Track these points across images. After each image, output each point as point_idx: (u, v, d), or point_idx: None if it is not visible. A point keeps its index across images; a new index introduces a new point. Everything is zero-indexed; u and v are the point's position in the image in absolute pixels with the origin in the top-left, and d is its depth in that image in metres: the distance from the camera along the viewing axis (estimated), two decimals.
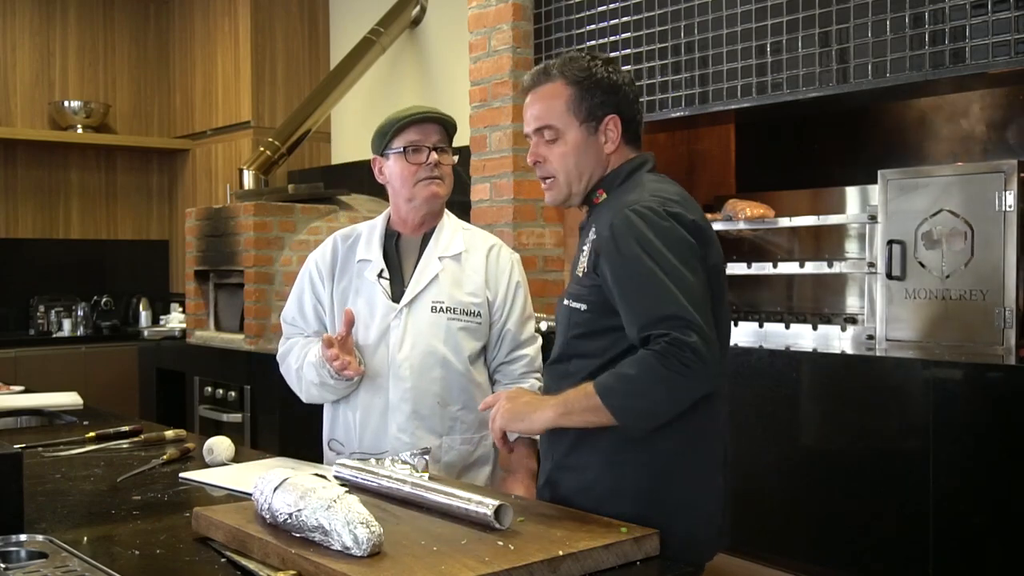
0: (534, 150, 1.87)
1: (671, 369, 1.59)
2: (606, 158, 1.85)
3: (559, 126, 1.83)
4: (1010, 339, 2.79)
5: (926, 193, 2.97)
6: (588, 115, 1.82)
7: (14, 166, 6.32)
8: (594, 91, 1.82)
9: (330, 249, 2.44)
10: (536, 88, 1.87)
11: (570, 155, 1.83)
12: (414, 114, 2.29)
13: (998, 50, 2.73)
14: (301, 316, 2.45)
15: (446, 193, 2.34)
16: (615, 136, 1.84)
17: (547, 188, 1.89)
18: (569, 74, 1.83)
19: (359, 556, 1.40)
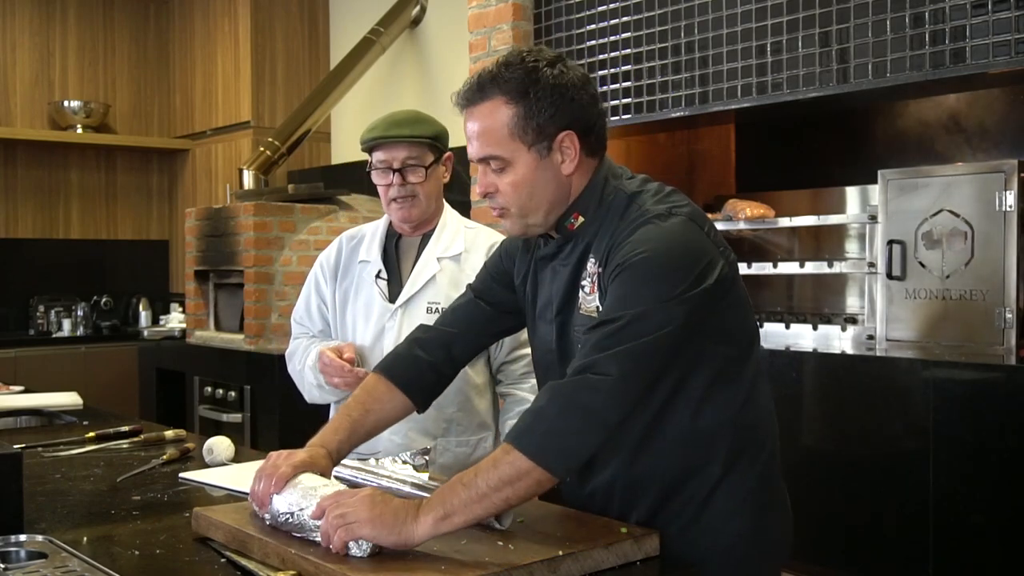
0: (482, 180, 1.61)
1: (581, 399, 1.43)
2: (567, 180, 1.60)
3: (505, 155, 1.56)
4: (1010, 339, 2.79)
5: (926, 193, 2.97)
6: (536, 135, 1.55)
7: (14, 166, 6.32)
8: (541, 104, 1.54)
9: (335, 250, 2.46)
10: (472, 107, 1.59)
11: (523, 186, 1.57)
12: (375, 137, 2.26)
13: (998, 50, 2.73)
14: (308, 316, 2.47)
15: (420, 213, 2.31)
16: (573, 154, 1.58)
17: (502, 218, 1.64)
18: (507, 88, 1.54)
19: (359, 556, 1.40)
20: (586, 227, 1.61)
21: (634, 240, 1.51)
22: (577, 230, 1.62)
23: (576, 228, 1.62)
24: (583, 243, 1.62)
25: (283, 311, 4.59)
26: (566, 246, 1.65)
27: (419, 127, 2.27)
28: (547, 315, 1.70)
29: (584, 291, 1.60)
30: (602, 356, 1.44)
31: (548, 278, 1.70)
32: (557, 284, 1.67)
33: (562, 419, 1.43)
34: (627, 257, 1.49)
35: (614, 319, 1.46)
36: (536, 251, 1.74)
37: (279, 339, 4.56)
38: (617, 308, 1.47)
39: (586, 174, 1.62)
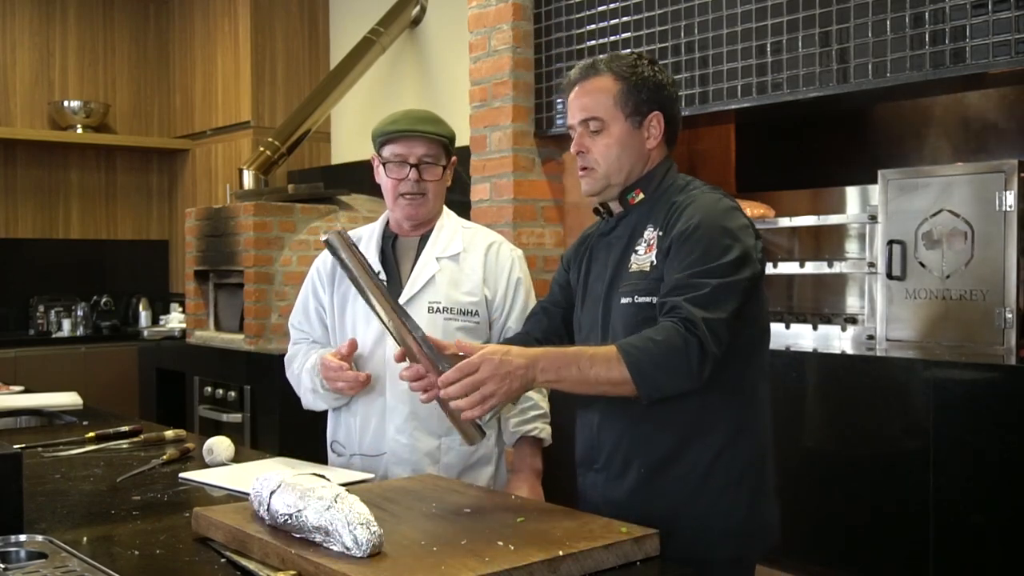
0: (578, 140, 1.89)
1: (689, 343, 1.65)
2: (647, 153, 1.88)
3: (605, 118, 1.85)
4: (1010, 339, 2.79)
5: (926, 193, 2.97)
6: (634, 110, 1.85)
7: (14, 166, 6.32)
8: (640, 88, 1.85)
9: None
10: (583, 81, 1.89)
11: (613, 147, 1.86)
12: (399, 129, 2.26)
13: (998, 50, 2.73)
14: (307, 321, 2.45)
15: (427, 212, 2.32)
16: (658, 133, 1.87)
17: (584, 176, 1.90)
18: (617, 70, 1.86)
19: (359, 557, 1.40)
20: (642, 204, 1.88)
21: (698, 204, 1.79)
22: (635, 205, 1.89)
23: (635, 203, 1.89)
24: (637, 218, 1.87)
25: (283, 311, 4.59)
26: (622, 221, 1.90)
27: (439, 126, 2.30)
28: (597, 288, 1.91)
29: (637, 253, 1.83)
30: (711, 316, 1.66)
31: (603, 253, 1.93)
32: (612, 254, 1.90)
33: (667, 359, 1.65)
34: (696, 214, 1.76)
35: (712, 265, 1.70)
36: (594, 234, 2.00)
37: (279, 339, 4.56)
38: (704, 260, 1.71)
39: (657, 159, 1.90)
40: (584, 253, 2.01)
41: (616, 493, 1.84)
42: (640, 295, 1.80)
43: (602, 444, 1.87)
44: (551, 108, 3.96)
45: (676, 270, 1.73)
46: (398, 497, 1.79)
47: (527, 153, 3.98)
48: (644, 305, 1.79)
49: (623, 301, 1.82)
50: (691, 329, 1.65)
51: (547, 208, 4.02)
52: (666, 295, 1.72)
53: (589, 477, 1.92)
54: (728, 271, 1.70)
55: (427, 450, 2.25)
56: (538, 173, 4.01)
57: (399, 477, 2.19)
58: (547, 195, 4.02)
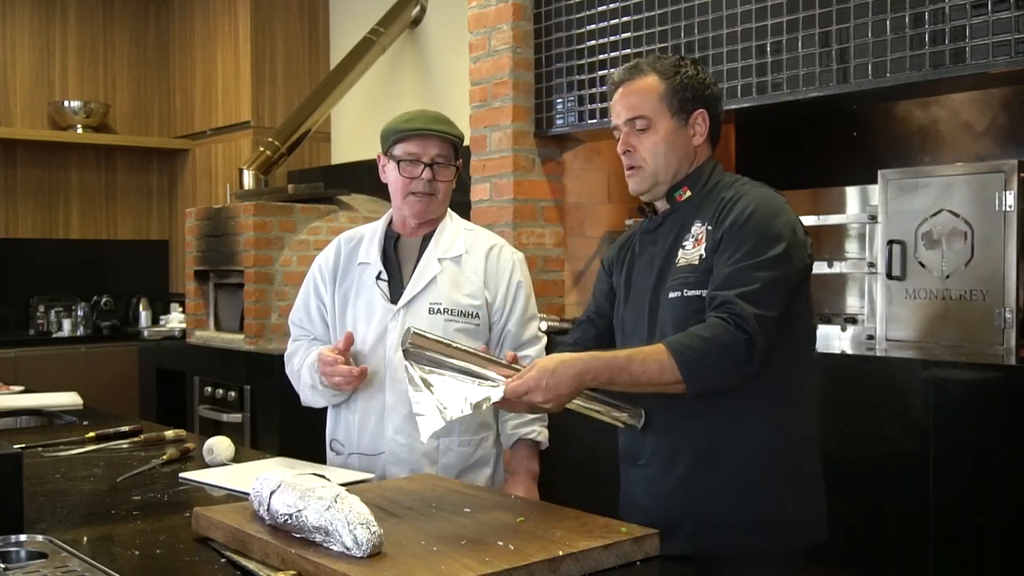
0: (624, 139, 1.92)
1: (739, 340, 1.68)
2: (693, 151, 1.91)
3: (651, 116, 1.88)
4: (1010, 339, 2.79)
5: (926, 193, 2.97)
6: (679, 108, 1.88)
7: (14, 166, 6.32)
8: (685, 86, 1.88)
9: (333, 252, 2.45)
10: (628, 82, 1.92)
11: (660, 144, 1.88)
12: (416, 128, 2.27)
13: (998, 50, 2.73)
14: (308, 319, 2.46)
15: (435, 211, 2.34)
16: (703, 130, 1.91)
17: (632, 175, 1.92)
18: (661, 69, 1.90)
19: (359, 557, 1.40)
20: (689, 201, 1.90)
21: (749, 197, 1.81)
22: (683, 203, 1.91)
23: (682, 200, 1.91)
24: (684, 215, 1.89)
25: (283, 311, 4.59)
26: (670, 217, 1.92)
27: (452, 127, 2.33)
28: (643, 283, 1.92)
29: (685, 248, 1.85)
30: (761, 312, 1.69)
31: (648, 249, 1.94)
32: (658, 250, 1.91)
33: (717, 356, 1.68)
34: (747, 207, 1.79)
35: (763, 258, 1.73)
36: (638, 232, 2.01)
37: (279, 339, 4.56)
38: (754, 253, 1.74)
39: (702, 156, 1.93)
40: (626, 252, 2.03)
41: (662, 487, 1.86)
42: (689, 288, 1.81)
43: (646, 440, 1.88)
44: (551, 108, 3.96)
45: (726, 262, 1.75)
46: (398, 497, 1.79)
47: (527, 153, 3.98)
48: (693, 299, 1.80)
49: (672, 295, 1.84)
50: (741, 326, 1.67)
51: (547, 208, 4.02)
52: (716, 288, 1.74)
53: (633, 472, 1.94)
54: (778, 265, 1.73)
55: (425, 450, 2.25)
56: (538, 173, 4.01)
57: (397, 477, 2.19)
58: (547, 195, 4.02)
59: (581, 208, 4.14)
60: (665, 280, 1.87)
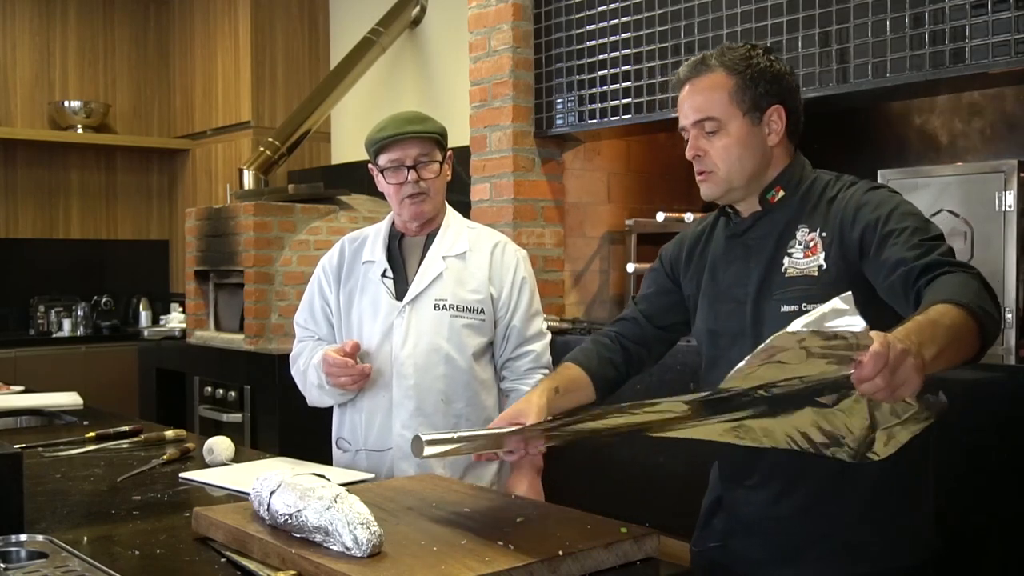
0: (693, 143, 1.77)
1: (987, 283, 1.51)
2: (769, 151, 1.76)
3: (721, 117, 1.73)
4: (1010, 339, 2.79)
5: (926, 193, 2.97)
6: (752, 106, 1.73)
7: (14, 166, 6.32)
8: (757, 81, 1.72)
9: (337, 252, 2.47)
10: (694, 79, 1.76)
11: (733, 148, 1.73)
12: (389, 135, 2.28)
13: (998, 50, 2.73)
14: (312, 319, 2.47)
15: (432, 208, 2.35)
16: (779, 128, 1.75)
17: (703, 181, 1.78)
18: (729, 63, 1.73)
19: (359, 556, 1.40)
20: (785, 201, 1.75)
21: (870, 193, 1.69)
22: (777, 203, 1.76)
23: (776, 201, 1.76)
24: (782, 217, 1.74)
25: (283, 311, 4.59)
26: (761, 220, 1.77)
27: (427, 124, 2.31)
28: (738, 293, 1.77)
29: (793, 256, 1.71)
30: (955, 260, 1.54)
31: (739, 254, 1.79)
32: (755, 257, 1.76)
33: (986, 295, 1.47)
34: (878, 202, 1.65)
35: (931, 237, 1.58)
36: (720, 232, 1.85)
37: (279, 339, 4.56)
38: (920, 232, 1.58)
39: (785, 154, 1.78)
40: (702, 255, 1.88)
41: (783, 511, 1.74)
42: (809, 302, 1.65)
43: (755, 461, 1.74)
44: (551, 108, 3.96)
45: (901, 246, 1.57)
46: (398, 497, 1.79)
47: (527, 153, 3.98)
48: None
49: (786, 309, 1.68)
50: (968, 268, 1.52)
51: (547, 208, 4.02)
52: (911, 262, 1.53)
53: (739, 493, 1.81)
54: (943, 240, 1.60)
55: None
56: (538, 173, 4.01)
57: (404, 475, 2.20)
58: (547, 195, 4.02)
59: (581, 208, 4.14)
60: (770, 290, 1.72)
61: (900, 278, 1.54)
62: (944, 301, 1.41)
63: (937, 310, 1.39)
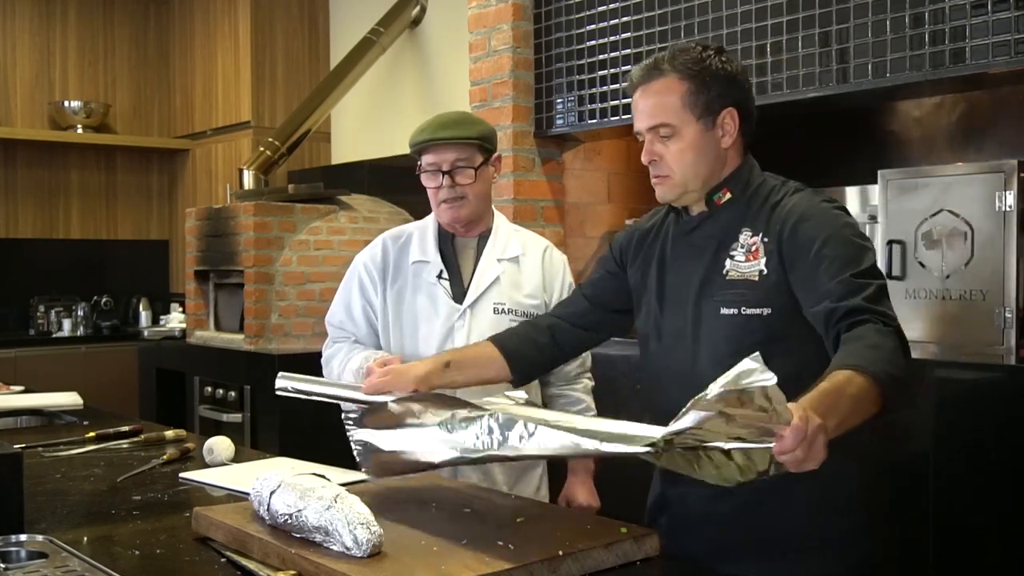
0: (649, 148, 1.78)
1: (902, 340, 1.56)
2: (723, 153, 1.78)
3: (675, 123, 1.74)
4: (1010, 339, 2.79)
5: (926, 193, 2.97)
6: (705, 110, 1.74)
7: (14, 166, 6.32)
8: (710, 84, 1.73)
9: (380, 251, 2.39)
10: (647, 83, 1.77)
11: (687, 152, 1.75)
12: (425, 140, 2.23)
13: (998, 50, 2.73)
14: (350, 319, 2.39)
15: (470, 213, 2.29)
16: (732, 130, 1.77)
17: (659, 184, 1.80)
18: (682, 67, 1.74)
19: (359, 556, 1.40)
20: (731, 204, 1.78)
21: (811, 209, 1.71)
22: (723, 205, 1.79)
23: (723, 203, 1.79)
24: (727, 219, 1.77)
25: (283, 311, 4.59)
26: (707, 221, 1.80)
27: (467, 128, 2.25)
28: (682, 293, 1.80)
29: (735, 259, 1.74)
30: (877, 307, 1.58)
31: (685, 253, 1.83)
32: (699, 258, 1.79)
33: (896, 361, 1.51)
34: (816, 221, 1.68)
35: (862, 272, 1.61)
36: (670, 229, 1.88)
37: (279, 339, 4.56)
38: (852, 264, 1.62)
39: (737, 156, 1.81)
40: (649, 249, 1.92)
41: (723, 507, 1.74)
42: (749, 307, 1.70)
43: None
44: (551, 108, 3.96)
45: (828, 277, 1.61)
46: (398, 497, 1.79)
47: (527, 153, 3.99)
48: (753, 318, 1.70)
49: (725, 312, 1.73)
50: (889, 323, 1.56)
51: (547, 208, 4.02)
52: (835, 301, 1.59)
53: (680, 490, 1.82)
54: (878, 273, 1.65)
55: None
56: (538, 173, 4.01)
57: (466, 479, 2.17)
58: (547, 195, 4.03)
59: (581, 208, 4.14)
60: (711, 292, 1.76)
61: (823, 314, 1.60)
62: (853, 367, 1.45)
63: (845, 376, 1.43)
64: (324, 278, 4.62)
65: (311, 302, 4.62)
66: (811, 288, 1.64)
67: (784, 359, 1.60)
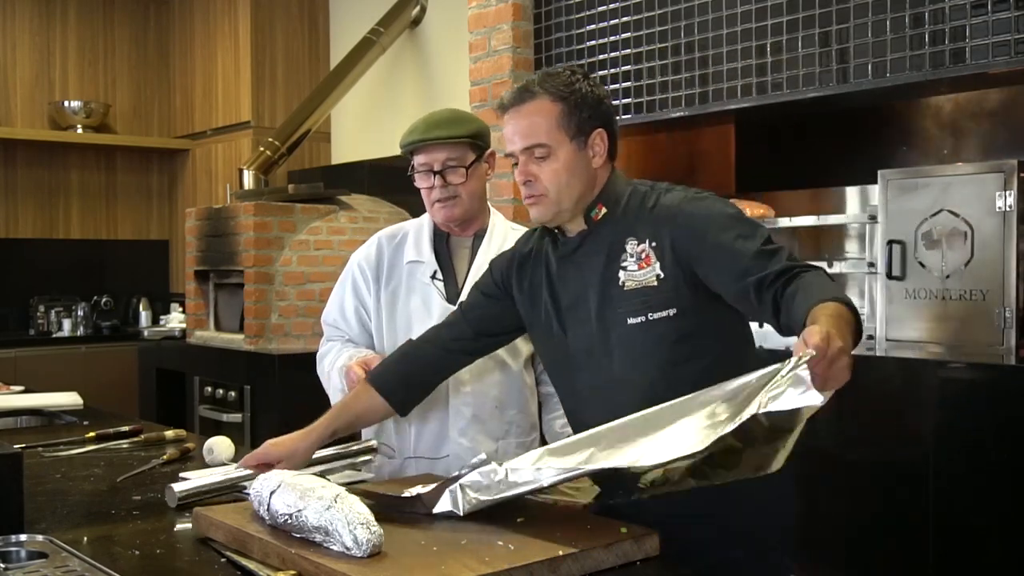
0: (524, 168, 1.81)
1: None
2: (594, 172, 1.82)
3: (550, 144, 1.78)
4: (1010, 339, 2.79)
5: (926, 193, 2.97)
6: (577, 131, 1.79)
7: (14, 166, 6.32)
8: (581, 107, 1.79)
9: (375, 250, 2.37)
10: (519, 106, 1.81)
11: (562, 172, 1.78)
12: (415, 140, 2.21)
13: (998, 50, 2.73)
14: (343, 318, 2.38)
15: (464, 212, 2.25)
16: (602, 150, 1.82)
17: (533, 204, 1.82)
18: (554, 90, 1.79)
19: (359, 556, 1.40)
20: (608, 217, 1.82)
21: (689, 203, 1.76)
22: (601, 220, 1.82)
23: (600, 219, 1.82)
24: (607, 232, 1.81)
25: (283, 311, 4.59)
26: (588, 238, 1.83)
27: (457, 127, 2.22)
28: (581, 312, 1.83)
29: (628, 270, 1.77)
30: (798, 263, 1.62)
31: (573, 274, 1.84)
32: (589, 275, 1.81)
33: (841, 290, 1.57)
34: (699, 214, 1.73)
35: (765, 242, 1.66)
36: (549, 253, 1.89)
37: (279, 339, 4.56)
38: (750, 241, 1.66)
39: (606, 173, 1.84)
40: (537, 275, 1.92)
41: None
42: (654, 311, 1.73)
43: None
44: None
45: (741, 257, 1.65)
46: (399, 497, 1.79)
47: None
48: (659, 321, 1.73)
49: (633, 321, 1.75)
50: (814, 266, 1.62)
51: None
52: (759, 272, 1.63)
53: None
54: (771, 240, 1.68)
55: (488, 453, 2.22)
56: None
57: None
58: None
59: None
60: (612, 305, 1.78)
61: (753, 286, 1.62)
62: (826, 300, 1.49)
63: (832, 306, 1.47)
64: (324, 278, 4.62)
65: (311, 302, 4.62)
66: (726, 272, 1.67)
67: (699, 358, 1.73)
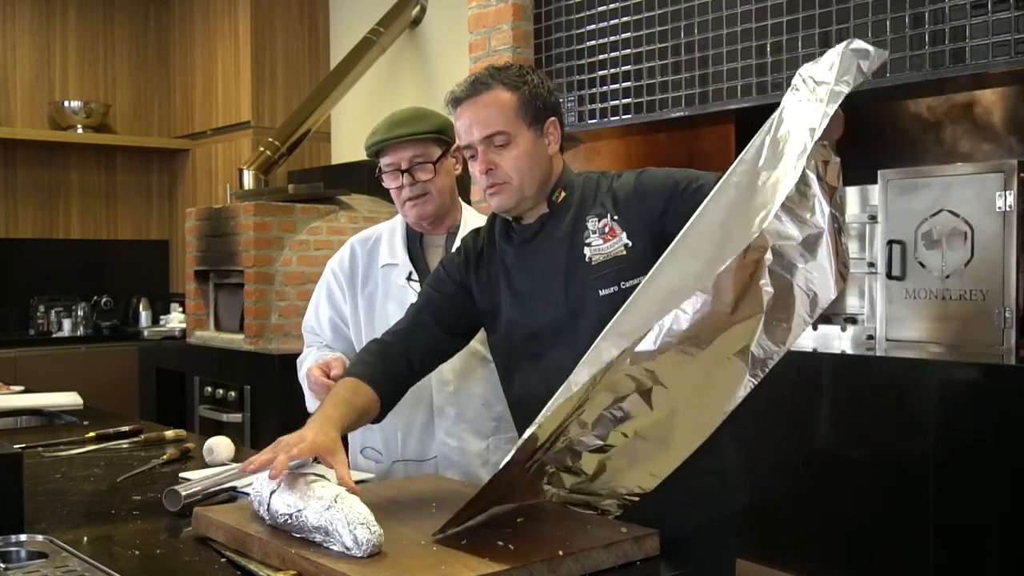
0: (484, 158, 1.82)
1: None
2: (550, 159, 1.87)
3: (510, 131, 1.81)
4: (1010, 339, 2.79)
5: (926, 193, 2.97)
6: (533, 119, 1.83)
7: (14, 166, 6.32)
8: (535, 96, 1.83)
9: (348, 256, 2.36)
10: (475, 97, 1.83)
11: (523, 159, 1.82)
12: (378, 141, 2.20)
13: (998, 50, 2.73)
14: (318, 325, 2.38)
15: (436, 208, 2.25)
16: (556, 138, 1.87)
17: (496, 193, 1.84)
18: (507, 80, 1.83)
19: (359, 556, 1.40)
20: (567, 201, 1.88)
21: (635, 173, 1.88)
22: (561, 203, 1.88)
23: (560, 202, 1.88)
24: (567, 213, 1.86)
25: (283, 311, 4.59)
26: (549, 221, 1.87)
27: (420, 123, 2.21)
28: (544, 294, 1.84)
29: (593, 245, 1.82)
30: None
31: (534, 259, 1.87)
32: (553, 256, 1.84)
33: None
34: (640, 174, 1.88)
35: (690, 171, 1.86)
36: (503, 245, 1.92)
37: (279, 339, 4.56)
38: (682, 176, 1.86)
39: (560, 162, 1.91)
40: (494, 269, 1.92)
41: None
42: (626, 279, 1.77)
43: None
44: None
45: (685, 188, 1.82)
46: (398, 497, 1.79)
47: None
48: (632, 288, 1.70)
49: (605, 292, 1.78)
50: None
51: None
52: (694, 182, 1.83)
53: None
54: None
55: (476, 451, 2.21)
56: None
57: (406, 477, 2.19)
58: None
59: None
60: (581, 280, 1.81)
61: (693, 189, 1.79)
62: None
63: None
64: None
65: None
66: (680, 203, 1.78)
67: None
